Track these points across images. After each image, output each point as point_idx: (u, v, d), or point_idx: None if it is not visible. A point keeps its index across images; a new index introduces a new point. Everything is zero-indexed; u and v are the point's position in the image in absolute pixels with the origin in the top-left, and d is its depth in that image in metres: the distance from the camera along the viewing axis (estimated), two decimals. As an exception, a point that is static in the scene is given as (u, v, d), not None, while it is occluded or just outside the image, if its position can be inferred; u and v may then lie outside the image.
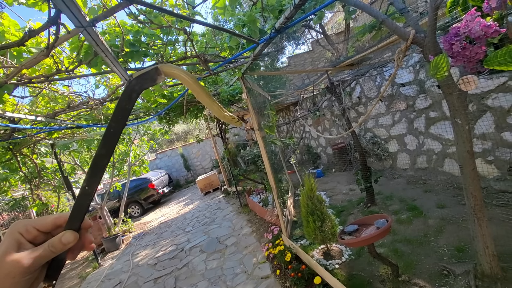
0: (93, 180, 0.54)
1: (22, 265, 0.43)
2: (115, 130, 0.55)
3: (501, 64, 1.11)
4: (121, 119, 0.56)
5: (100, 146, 0.55)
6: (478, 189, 2.06)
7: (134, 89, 0.58)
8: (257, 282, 3.42)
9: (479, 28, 1.18)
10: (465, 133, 1.99)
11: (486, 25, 1.17)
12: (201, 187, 10.11)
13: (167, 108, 3.49)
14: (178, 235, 6.31)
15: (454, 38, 1.36)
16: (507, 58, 1.07)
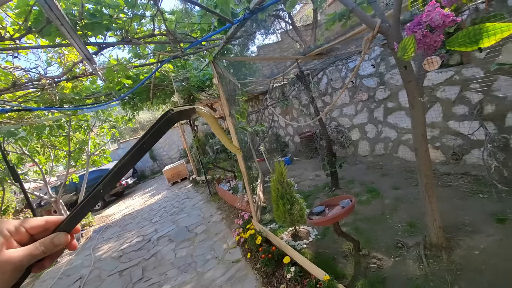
0: (109, 185, 0.57)
1: (13, 263, 0.43)
2: (147, 146, 0.62)
3: (460, 45, 1.23)
4: (154, 138, 0.63)
5: (130, 156, 0.60)
6: (430, 169, 2.30)
7: (174, 119, 0.68)
8: (228, 266, 3.47)
9: (439, 17, 1.29)
10: (421, 118, 2.19)
11: (445, 15, 1.28)
12: (169, 177, 9.80)
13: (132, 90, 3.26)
14: (145, 226, 6.08)
15: (417, 26, 1.47)
16: (466, 40, 1.19)
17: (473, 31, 1.14)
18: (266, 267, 3.01)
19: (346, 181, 4.94)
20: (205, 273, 3.46)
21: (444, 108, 4.09)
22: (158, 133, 0.67)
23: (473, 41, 1.17)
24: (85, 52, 1.89)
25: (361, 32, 2.71)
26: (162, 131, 0.68)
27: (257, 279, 3.01)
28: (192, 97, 5.21)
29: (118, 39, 2.17)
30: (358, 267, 2.65)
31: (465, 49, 1.23)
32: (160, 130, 0.67)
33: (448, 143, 4.16)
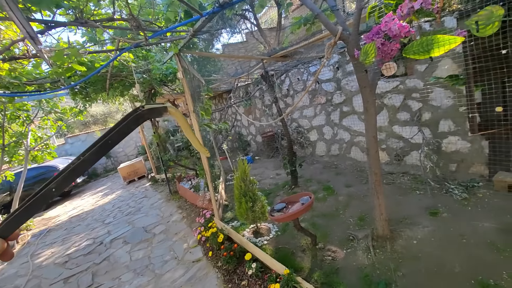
0: (64, 184, 0.51)
1: None
2: (112, 142, 0.59)
3: (415, 53, 1.40)
4: (121, 135, 0.60)
5: (90, 153, 0.56)
6: (379, 168, 2.55)
7: (144, 116, 0.65)
8: (188, 266, 3.39)
9: (396, 28, 1.45)
10: (373, 121, 2.41)
11: (402, 26, 1.45)
12: (124, 175, 9.16)
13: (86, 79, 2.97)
14: (96, 228, 5.60)
15: (375, 35, 1.63)
16: (420, 49, 1.36)
17: (426, 41, 1.32)
18: (228, 265, 3.02)
19: (304, 180, 5.18)
20: (164, 275, 3.33)
21: (390, 114, 4.55)
22: (126, 130, 0.64)
23: (425, 50, 1.35)
24: (28, 29, 1.67)
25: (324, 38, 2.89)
26: (129, 128, 0.65)
27: (218, 277, 3.00)
28: (153, 91, 4.95)
29: (71, 19, 1.97)
30: (314, 260, 2.81)
31: (419, 57, 1.40)
32: (127, 127, 0.65)
33: (392, 146, 4.64)
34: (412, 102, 4.14)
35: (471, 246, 2.46)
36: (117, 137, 0.64)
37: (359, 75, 2.33)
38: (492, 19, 1.26)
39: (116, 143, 0.64)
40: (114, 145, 0.63)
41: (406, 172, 4.37)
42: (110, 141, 0.62)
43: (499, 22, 1.25)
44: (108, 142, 0.62)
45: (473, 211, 2.97)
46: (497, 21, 1.25)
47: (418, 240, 2.68)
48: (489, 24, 1.27)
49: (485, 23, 1.28)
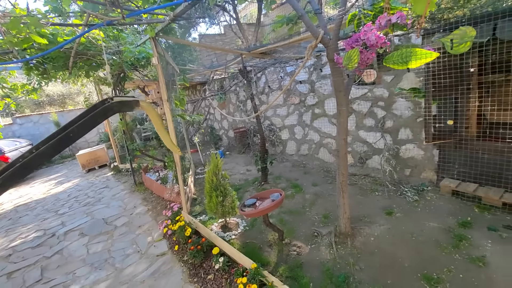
0: (12, 180, 0.46)
1: None
2: (74, 135, 0.54)
3: (394, 63, 1.50)
4: (86, 129, 0.56)
5: (47, 147, 0.51)
6: (346, 170, 2.70)
7: (113, 109, 0.61)
8: (152, 260, 3.28)
9: (374, 38, 1.55)
10: (344, 124, 2.55)
11: (379, 36, 1.55)
12: (83, 163, 8.49)
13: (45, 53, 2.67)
14: (47, 218, 5.13)
15: (355, 42, 1.72)
16: (399, 59, 1.47)
17: (405, 52, 1.43)
18: (194, 259, 2.99)
19: (274, 177, 5.30)
20: (125, 269, 3.18)
21: (357, 119, 4.83)
22: (91, 123, 0.60)
23: (404, 61, 1.46)
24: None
25: (304, 39, 2.97)
26: (96, 122, 0.61)
27: (183, 272, 2.95)
28: (123, 74, 4.64)
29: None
30: (280, 254, 2.91)
31: (397, 67, 1.51)
32: (93, 120, 0.60)
33: (357, 149, 4.94)
34: (377, 109, 4.45)
35: (419, 243, 2.74)
36: (81, 130, 0.59)
37: (336, 79, 2.44)
38: (465, 38, 1.41)
39: (78, 137, 0.59)
40: (76, 139, 0.59)
41: (367, 174, 4.69)
42: (72, 134, 0.57)
43: (470, 42, 1.41)
44: (70, 135, 0.57)
45: (422, 212, 3.30)
46: (469, 41, 1.40)
47: (375, 237, 2.91)
48: (462, 43, 1.42)
49: (459, 41, 1.42)
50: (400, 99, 4.09)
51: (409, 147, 4.12)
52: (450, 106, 3.48)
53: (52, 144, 0.49)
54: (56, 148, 0.49)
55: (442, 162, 3.77)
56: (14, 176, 0.43)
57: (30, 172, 0.43)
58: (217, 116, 9.53)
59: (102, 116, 0.55)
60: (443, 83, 3.29)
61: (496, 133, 3.25)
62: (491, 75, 3.25)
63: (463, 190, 3.43)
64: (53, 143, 0.51)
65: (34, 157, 0.44)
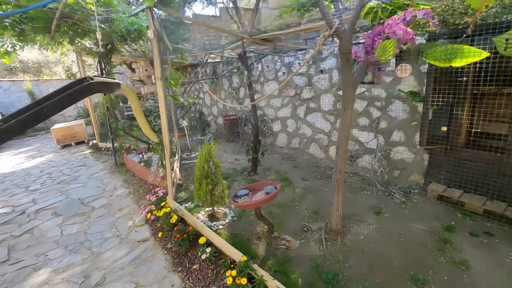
0: None
1: None
2: (48, 111, 0.54)
3: (436, 59, 1.41)
4: (61, 106, 0.53)
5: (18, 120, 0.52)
6: (344, 167, 2.66)
7: (92, 89, 0.54)
8: (132, 245, 3.12)
9: (401, 32, 1.45)
10: (348, 121, 2.48)
11: (407, 31, 1.45)
12: (59, 138, 7.95)
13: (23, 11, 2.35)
14: (17, 194, 4.76)
15: (377, 35, 1.61)
16: (442, 55, 1.38)
17: (451, 49, 1.34)
18: (179, 247, 2.86)
19: (263, 168, 5.22)
20: (103, 254, 3.00)
21: (352, 117, 4.81)
22: (67, 101, 0.56)
23: (447, 58, 1.37)
24: None
25: (315, 28, 2.83)
26: (73, 100, 0.56)
27: (167, 260, 2.82)
28: (110, 46, 4.28)
29: None
30: (269, 248, 2.85)
31: (439, 64, 1.43)
32: (70, 98, 0.56)
33: (349, 147, 4.95)
34: (373, 109, 4.44)
35: (407, 244, 2.78)
36: (56, 108, 0.55)
37: (345, 74, 2.34)
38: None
39: (52, 114, 0.56)
40: (50, 115, 0.55)
41: (356, 173, 4.73)
42: (46, 110, 0.54)
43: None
44: (44, 111, 0.54)
45: (409, 213, 3.36)
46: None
47: (364, 236, 2.93)
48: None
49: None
50: (397, 101, 4.10)
51: (401, 149, 4.16)
52: (445, 112, 3.52)
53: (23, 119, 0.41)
54: (28, 123, 0.40)
55: (431, 167, 3.85)
56: None
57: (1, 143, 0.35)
58: (207, 101, 9.24)
59: (80, 95, 0.48)
60: (441, 89, 3.31)
61: (482, 143, 3.34)
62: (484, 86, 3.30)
63: (448, 195, 3.52)
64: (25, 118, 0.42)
65: (2, 131, 0.34)
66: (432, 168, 3.84)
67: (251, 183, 4.56)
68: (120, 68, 8.93)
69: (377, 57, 1.58)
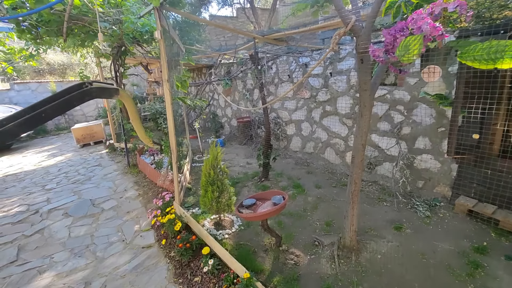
0: None
1: None
2: (46, 116, 0.43)
3: (475, 60, 1.17)
4: (60, 111, 0.49)
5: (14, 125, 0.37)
6: (360, 178, 2.41)
7: (91, 94, 0.57)
8: (136, 251, 3.04)
9: (427, 27, 1.21)
10: (365, 128, 2.23)
11: (435, 26, 1.21)
12: (78, 137, 8.21)
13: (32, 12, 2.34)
14: (33, 193, 4.89)
15: (399, 32, 1.38)
16: (483, 55, 1.14)
17: (496, 46, 1.09)
18: (182, 257, 2.73)
19: (275, 173, 5.01)
20: (106, 259, 2.94)
21: (371, 121, 4.50)
22: (65, 106, 0.61)
23: (491, 59, 1.12)
24: None
25: (329, 26, 2.61)
26: (71, 105, 0.54)
27: (169, 269, 2.71)
28: (123, 48, 4.28)
29: None
30: (276, 262, 2.66)
31: (479, 65, 1.19)
32: (68, 103, 0.60)
33: (367, 153, 4.63)
34: (395, 113, 4.11)
35: (431, 267, 2.48)
36: (54, 112, 0.56)
37: (362, 76, 2.11)
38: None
39: (50, 118, 0.53)
40: (47, 120, 0.53)
41: (375, 181, 4.40)
42: (44, 114, 0.65)
43: None
44: (42, 116, 0.69)
45: (434, 230, 3.03)
46: None
47: (382, 254, 2.65)
48: None
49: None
50: (423, 104, 3.75)
51: (425, 158, 3.80)
52: (476, 119, 3.15)
53: (19, 123, 0.37)
54: (23, 127, 0.36)
55: (460, 178, 3.47)
56: None
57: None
58: (221, 102, 9.17)
59: (78, 100, 0.43)
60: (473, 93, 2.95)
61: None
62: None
63: (479, 211, 3.14)
64: (21, 122, 0.39)
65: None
66: (461, 180, 3.46)
67: (262, 189, 4.39)
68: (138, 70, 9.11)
69: (398, 56, 1.34)
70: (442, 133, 3.59)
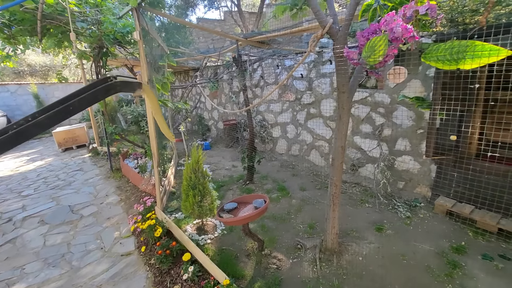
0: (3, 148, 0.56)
1: None
2: (74, 109, 0.60)
3: (438, 60, 1.17)
4: (86, 104, 0.60)
5: (45, 117, 0.58)
6: (340, 180, 2.41)
7: (115, 88, 0.66)
8: (114, 260, 2.92)
9: (399, 30, 1.22)
10: (344, 130, 2.24)
11: (406, 28, 1.22)
12: (60, 141, 7.92)
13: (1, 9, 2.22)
14: (8, 199, 4.65)
15: (372, 34, 1.39)
16: (446, 55, 1.14)
17: (458, 46, 1.10)
18: (161, 264, 2.65)
19: (260, 176, 4.99)
20: (82, 268, 2.81)
21: (354, 124, 4.56)
22: (92, 99, 0.66)
23: (454, 59, 1.13)
24: None
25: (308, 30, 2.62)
26: (96, 98, 0.71)
27: (148, 278, 2.62)
28: (104, 49, 4.16)
29: None
30: (258, 267, 2.62)
31: (442, 66, 1.19)
32: (94, 97, 0.66)
33: (350, 155, 4.68)
34: (376, 116, 4.18)
35: (411, 268, 2.51)
36: (81, 105, 0.60)
37: (340, 79, 2.12)
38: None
39: (77, 111, 0.72)
40: (75, 112, 0.61)
41: (358, 183, 4.45)
42: (72, 107, 0.61)
43: None
44: (70, 108, 0.60)
45: (414, 231, 3.07)
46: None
47: (363, 256, 2.66)
48: None
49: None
50: (402, 107, 3.83)
51: (406, 159, 3.88)
52: (454, 120, 3.24)
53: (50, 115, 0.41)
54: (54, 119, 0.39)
55: (439, 179, 3.55)
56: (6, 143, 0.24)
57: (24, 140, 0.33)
58: (208, 105, 9.09)
59: (103, 93, 0.49)
60: (450, 95, 3.03)
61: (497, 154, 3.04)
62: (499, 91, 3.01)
63: (458, 211, 3.22)
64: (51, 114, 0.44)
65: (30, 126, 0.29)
66: (440, 180, 3.54)
67: (246, 192, 4.35)
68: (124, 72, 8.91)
69: (365, 57, 1.35)
70: (421, 135, 3.67)
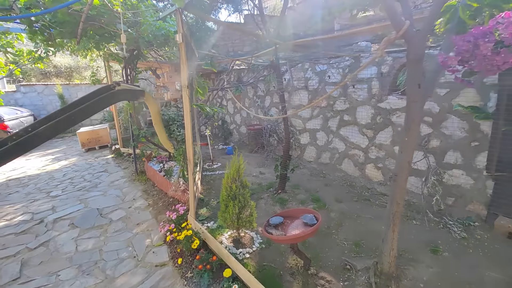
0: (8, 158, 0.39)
1: None
2: (76, 118, 0.40)
3: None
4: (89, 113, 0.46)
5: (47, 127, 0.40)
6: (403, 198, 2.17)
7: (118, 96, 0.50)
8: (149, 270, 2.79)
9: None
10: (413, 143, 2.01)
11: None
12: (83, 141, 8.03)
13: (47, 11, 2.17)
14: (38, 200, 4.67)
15: (481, 38, 1.17)
16: None
17: None
18: (201, 279, 2.49)
19: (291, 185, 4.77)
20: (117, 278, 2.69)
21: (394, 133, 4.28)
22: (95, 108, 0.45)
23: None
24: None
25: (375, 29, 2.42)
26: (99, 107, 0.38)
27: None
28: (136, 52, 4.11)
29: None
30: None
31: None
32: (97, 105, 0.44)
33: (390, 166, 4.40)
34: (422, 125, 3.88)
35: (480, 299, 2.22)
36: (83, 115, 0.35)
37: (411, 87, 1.90)
38: None
39: (80, 121, 0.27)
40: (77, 122, 0.29)
41: (399, 196, 4.14)
42: (74, 117, 0.27)
43: None
44: (71, 118, 0.28)
45: (475, 255, 2.77)
46: None
47: (424, 283, 2.39)
48: None
49: None
50: (454, 117, 3.53)
51: (456, 173, 3.56)
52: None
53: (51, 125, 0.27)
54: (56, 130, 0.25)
55: (497, 197, 3.22)
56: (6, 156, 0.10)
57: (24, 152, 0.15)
58: (230, 109, 9.00)
59: (106, 102, 0.31)
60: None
61: None
62: None
63: (522, 234, 2.89)
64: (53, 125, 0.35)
65: (30, 137, 0.14)
66: (498, 198, 3.21)
67: (279, 202, 4.15)
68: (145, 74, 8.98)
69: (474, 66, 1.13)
70: (476, 147, 3.36)
